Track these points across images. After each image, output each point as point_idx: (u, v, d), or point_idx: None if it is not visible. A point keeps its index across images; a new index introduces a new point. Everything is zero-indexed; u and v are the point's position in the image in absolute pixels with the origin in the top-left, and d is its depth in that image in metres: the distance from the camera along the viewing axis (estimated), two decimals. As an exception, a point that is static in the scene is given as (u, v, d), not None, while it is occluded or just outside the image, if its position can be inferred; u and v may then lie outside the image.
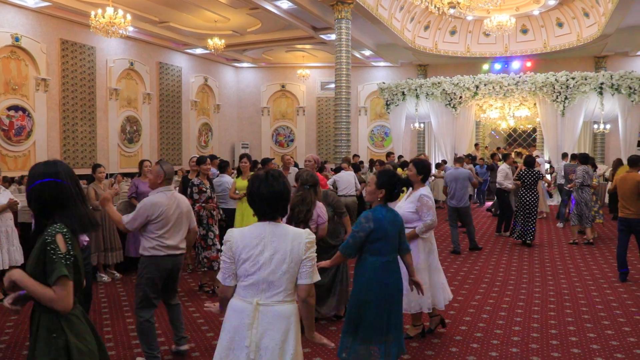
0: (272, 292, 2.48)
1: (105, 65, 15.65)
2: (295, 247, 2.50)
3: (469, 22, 18.79)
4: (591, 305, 5.99)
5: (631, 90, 15.26)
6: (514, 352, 4.61)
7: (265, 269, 2.46)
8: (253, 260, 2.46)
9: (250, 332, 2.44)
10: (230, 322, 2.52)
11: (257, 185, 2.57)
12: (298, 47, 19.30)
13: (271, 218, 2.56)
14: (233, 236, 2.52)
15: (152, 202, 4.24)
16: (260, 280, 2.46)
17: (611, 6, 14.27)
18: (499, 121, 18.51)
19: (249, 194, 2.60)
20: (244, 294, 2.49)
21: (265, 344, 2.44)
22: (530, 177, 9.49)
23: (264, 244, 2.48)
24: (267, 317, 2.46)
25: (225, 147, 21.37)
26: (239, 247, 2.49)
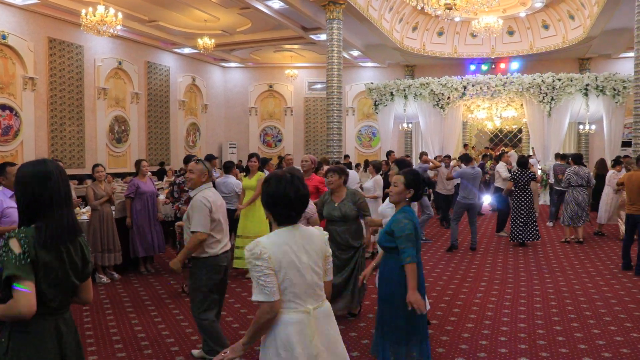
0: (318, 293, 2.43)
1: (94, 64, 15.46)
2: (322, 246, 2.47)
3: (457, 24, 18.97)
4: (591, 302, 6.10)
5: (615, 92, 15.56)
6: (523, 349, 4.68)
7: (308, 274, 2.37)
8: (295, 267, 2.34)
9: (314, 340, 2.35)
10: (287, 338, 2.33)
11: (283, 187, 2.40)
12: (286, 47, 19.28)
13: (294, 222, 2.44)
14: (267, 247, 2.31)
15: (205, 197, 4.17)
16: (307, 286, 2.38)
17: (597, 9, 14.53)
18: (486, 121, 18.70)
19: (271, 197, 2.42)
20: (295, 305, 2.36)
21: (327, 343, 2.41)
22: (524, 178, 9.61)
23: (299, 248, 2.38)
24: (322, 319, 2.42)
25: (212, 147, 21.25)
26: (277, 256, 2.32)
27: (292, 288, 2.34)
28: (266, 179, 2.49)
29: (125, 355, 4.61)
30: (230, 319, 5.59)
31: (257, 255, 2.29)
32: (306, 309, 2.37)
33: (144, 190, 7.53)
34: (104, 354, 4.65)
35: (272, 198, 2.41)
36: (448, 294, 6.45)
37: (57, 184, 2.22)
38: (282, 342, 2.33)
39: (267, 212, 2.47)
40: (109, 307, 6.01)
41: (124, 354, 4.65)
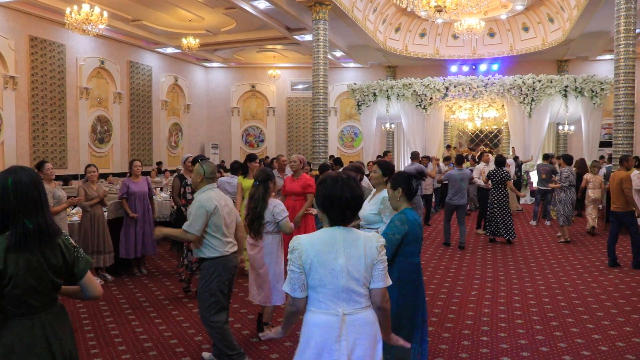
0: (355, 299, 2.36)
1: (76, 63, 15.24)
2: (368, 251, 2.40)
3: (439, 25, 19.19)
4: (582, 298, 6.27)
5: (593, 93, 15.95)
6: (523, 344, 4.80)
7: (342, 277, 2.34)
8: (327, 268, 2.33)
9: (339, 345, 2.32)
10: (314, 338, 2.35)
11: (340, 188, 2.42)
12: (269, 47, 19.27)
13: (350, 222, 2.46)
14: (301, 244, 2.36)
15: (204, 198, 4.17)
16: (340, 289, 2.34)
17: (576, 12, 14.87)
18: (467, 122, 18.98)
19: (327, 197, 2.42)
20: (326, 306, 2.34)
21: (358, 354, 2.35)
22: (499, 176, 9.83)
23: (337, 250, 2.36)
24: (355, 326, 2.35)
25: (195, 148, 21.11)
26: (309, 255, 2.34)
27: (322, 288, 2.35)
28: (322, 180, 2.50)
29: (130, 357, 4.58)
30: (231, 319, 5.60)
31: (291, 249, 2.37)
32: (337, 312, 2.34)
33: (134, 191, 7.46)
34: (107, 356, 4.62)
35: (328, 199, 2.42)
36: (443, 292, 6.55)
37: (23, 194, 2.26)
38: (305, 341, 2.38)
39: (322, 213, 2.48)
40: (106, 310, 5.96)
41: (128, 355, 4.62)
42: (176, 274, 7.30)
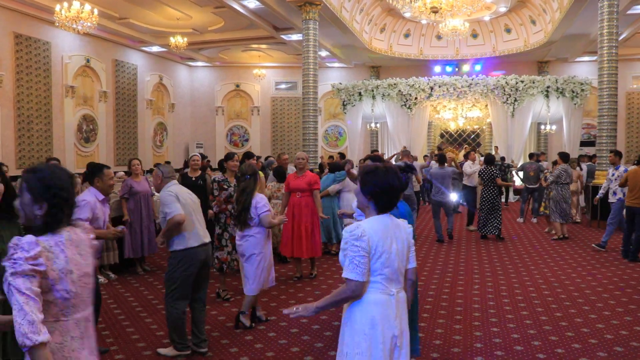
0: (399, 280, 2.62)
1: (61, 61, 15.03)
2: (407, 235, 2.68)
3: (423, 26, 19.45)
4: (580, 290, 6.49)
5: (574, 94, 16.37)
6: (532, 334, 4.98)
7: (396, 260, 2.57)
8: (387, 252, 2.53)
9: (396, 321, 2.56)
10: (376, 316, 2.54)
11: (391, 178, 2.61)
12: (254, 46, 19.28)
13: (390, 210, 2.66)
14: (367, 231, 2.51)
15: (171, 190, 4.43)
16: (394, 271, 2.57)
17: (559, 15, 15.24)
18: (450, 122, 19.27)
19: (379, 186, 2.60)
20: (383, 287, 2.55)
21: (404, 327, 2.63)
22: (488, 174, 10.10)
23: (390, 235, 2.57)
24: (401, 303, 2.62)
25: (179, 147, 21.01)
26: (374, 241, 2.51)
27: (381, 271, 2.54)
28: (371, 170, 2.65)
29: (151, 354, 4.62)
30: (215, 312, 5.69)
31: (358, 237, 2.48)
32: (390, 291, 2.57)
33: (137, 190, 7.47)
34: (128, 352, 4.65)
35: (379, 187, 2.59)
36: (446, 286, 6.72)
37: None
38: (367, 320, 2.54)
39: (367, 201, 2.63)
40: (116, 308, 5.96)
41: (149, 352, 4.66)
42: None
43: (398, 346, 2.59)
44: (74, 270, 2.06)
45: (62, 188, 2.09)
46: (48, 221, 2.06)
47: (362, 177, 2.69)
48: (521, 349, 4.63)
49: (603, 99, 12.14)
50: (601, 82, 12.13)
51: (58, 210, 2.08)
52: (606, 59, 11.90)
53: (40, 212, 2.06)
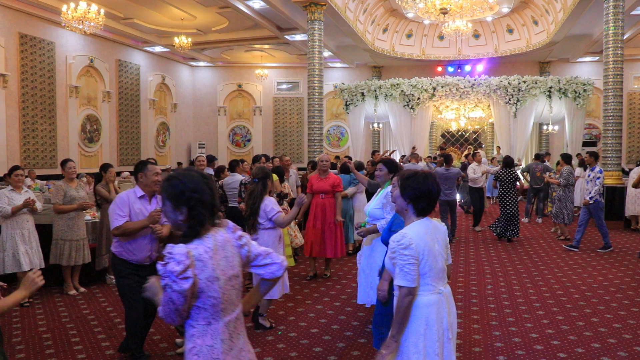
0: (444, 277, 2.77)
1: (65, 61, 15.04)
2: (444, 235, 2.82)
3: (425, 26, 19.51)
4: (593, 290, 6.53)
5: (576, 94, 16.42)
6: (551, 333, 5.01)
7: (439, 260, 2.71)
8: (432, 255, 2.65)
9: (448, 317, 2.71)
10: (428, 317, 2.64)
11: (430, 183, 2.73)
12: (256, 47, 19.30)
13: (429, 214, 2.78)
14: (413, 239, 2.61)
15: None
16: (439, 270, 2.70)
17: (562, 15, 15.31)
18: (452, 122, 19.31)
19: (418, 191, 2.70)
20: (432, 287, 2.67)
21: (453, 319, 2.78)
22: (508, 177, 10.09)
23: (432, 238, 2.70)
24: (448, 298, 2.76)
25: (182, 147, 21.02)
26: (420, 247, 2.62)
27: (430, 273, 2.67)
28: (410, 175, 2.77)
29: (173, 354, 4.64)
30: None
31: (405, 246, 2.59)
32: (439, 290, 2.71)
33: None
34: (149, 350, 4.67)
35: (419, 192, 2.71)
36: (459, 286, 6.75)
37: None
38: (423, 321, 2.65)
39: (407, 204, 2.75)
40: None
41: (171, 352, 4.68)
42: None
43: (449, 338, 2.72)
44: (220, 277, 2.12)
45: (195, 190, 2.13)
46: (191, 224, 2.11)
47: (402, 182, 2.80)
48: (541, 348, 4.66)
49: (608, 99, 12.18)
50: (606, 83, 12.17)
51: (197, 213, 2.11)
52: (611, 60, 11.94)
53: (181, 217, 2.12)
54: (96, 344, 4.91)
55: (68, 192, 6.51)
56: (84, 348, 4.80)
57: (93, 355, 4.65)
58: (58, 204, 6.45)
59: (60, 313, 5.83)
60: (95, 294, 6.54)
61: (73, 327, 5.36)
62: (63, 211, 6.45)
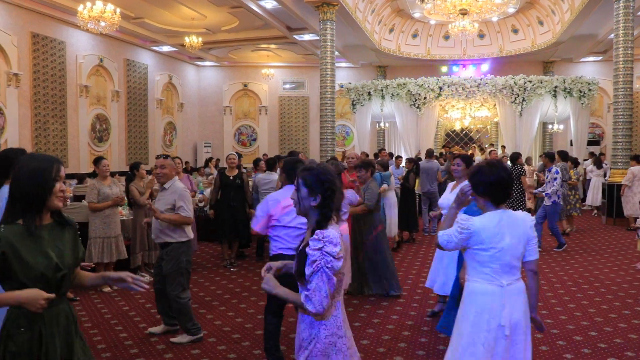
0: (513, 272, 2.78)
1: (75, 60, 15.03)
2: (525, 230, 2.81)
3: (431, 26, 19.63)
4: (596, 289, 6.66)
5: (581, 94, 16.59)
6: (555, 333, 5.13)
7: (507, 254, 2.72)
8: (496, 248, 2.69)
9: (503, 311, 2.70)
10: (481, 305, 2.73)
11: (497, 171, 2.78)
12: (263, 46, 19.34)
13: (505, 202, 2.82)
14: (475, 225, 2.71)
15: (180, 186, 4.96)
16: (505, 264, 2.73)
17: (569, 16, 15.47)
18: (456, 122, 19.44)
19: (487, 183, 2.76)
20: (492, 278, 2.73)
21: (516, 318, 2.74)
22: (515, 172, 10.26)
23: (504, 231, 2.72)
24: (512, 295, 2.75)
25: (188, 147, 21.03)
26: (482, 236, 2.69)
27: (491, 263, 2.73)
28: (475, 171, 2.85)
29: (226, 348, 4.72)
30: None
31: (463, 227, 2.73)
32: (500, 283, 2.74)
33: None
34: (204, 347, 4.76)
35: (490, 183, 2.78)
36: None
37: None
38: (474, 308, 2.75)
39: (484, 200, 2.80)
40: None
41: (224, 346, 4.76)
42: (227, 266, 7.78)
43: (506, 336, 2.69)
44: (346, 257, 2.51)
45: (331, 182, 2.41)
46: (324, 212, 2.39)
47: (471, 179, 2.87)
48: (546, 349, 4.66)
49: (618, 99, 12.35)
50: (616, 83, 12.34)
51: (330, 201, 2.40)
52: (622, 60, 12.11)
53: (314, 203, 2.38)
54: (145, 338, 4.99)
55: (102, 190, 6.59)
56: (134, 343, 4.88)
57: (144, 349, 4.73)
58: (92, 202, 6.53)
59: (100, 310, 5.90)
60: (129, 291, 6.60)
61: (118, 324, 5.44)
62: (98, 209, 6.52)
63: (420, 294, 6.41)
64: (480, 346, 2.68)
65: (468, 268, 2.86)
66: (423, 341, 4.86)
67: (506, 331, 2.69)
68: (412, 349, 4.66)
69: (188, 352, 4.61)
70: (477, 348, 2.69)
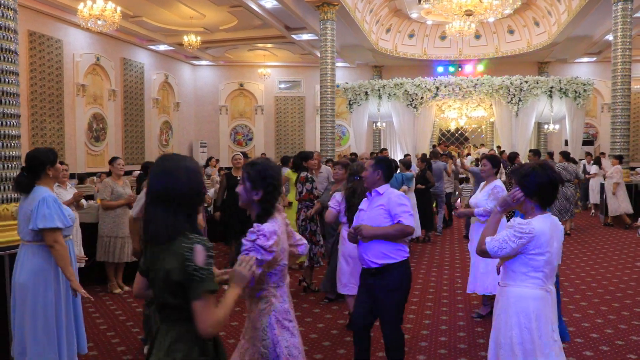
0: (553, 277, 2.82)
1: (72, 59, 14.89)
2: (561, 232, 2.87)
3: (428, 26, 19.70)
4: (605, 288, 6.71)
5: (577, 94, 16.74)
6: (572, 331, 5.18)
7: (555, 258, 2.77)
8: (549, 252, 2.71)
9: (552, 315, 2.77)
10: (534, 310, 2.71)
11: (549, 173, 2.76)
12: (259, 45, 19.29)
13: (551, 204, 2.84)
14: (535, 229, 2.68)
15: None
16: (552, 268, 2.78)
17: (566, 17, 15.60)
18: (451, 122, 19.52)
19: (542, 184, 2.74)
20: (542, 283, 2.74)
21: (555, 319, 2.82)
22: None
23: (552, 235, 2.74)
24: (554, 297, 2.85)
25: (183, 146, 20.92)
26: (541, 240, 2.68)
27: (543, 268, 2.73)
28: (527, 172, 2.81)
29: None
30: (319, 311, 5.77)
31: (524, 231, 2.69)
32: (548, 287, 2.76)
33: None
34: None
35: (543, 184, 2.75)
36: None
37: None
38: (528, 313, 2.72)
39: (532, 202, 2.79)
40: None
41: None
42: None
43: (555, 340, 2.74)
44: (285, 248, 2.63)
45: (274, 177, 2.58)
46: (265, 206, 2.54)
47: (522, 180, 2.80)
48: (565, 346, 4.68)
49: (617, 99, 12.49)
50: (614, 84, 12.48)
51: (272, 196, 2.56)
52: (620, 61, 12.25)
53: (257, 197, 2.54)
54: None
55: (115, 189, 6.56)
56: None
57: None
58: (105, 199, 6.50)
59: (114, 312, 5.86)
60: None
61: (134, 325, 5.40)
62: (111, 207, 6.49)
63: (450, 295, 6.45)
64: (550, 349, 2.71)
65: (514, 273, 2.79)
66: (443, 340, 4.88)
67: (555, 335, 2.74)
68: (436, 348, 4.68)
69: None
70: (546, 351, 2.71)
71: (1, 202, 4.16)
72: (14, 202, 4.23)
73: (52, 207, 3.45)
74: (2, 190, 4.18)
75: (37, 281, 3.44)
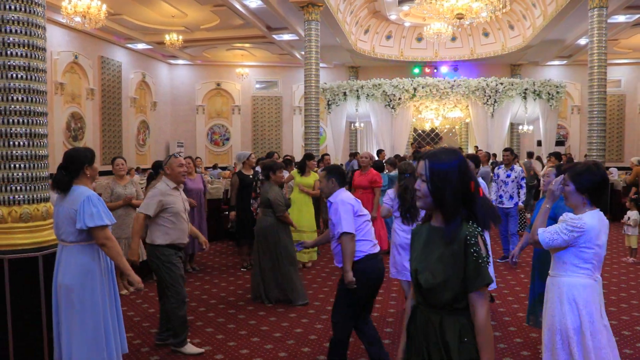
0: (601, 267, 3.06)
1: (50, 57, 14.54)
2: (608, 229, 3.07)
3: (405, 28, 19.99)
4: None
5: (550, 96, 17.29)
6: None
7: (603, 251, 3.00)
8: (599, 246, 2.94)
9: (600, 303, 3.00)
10: (586, 297, 2.94)
11: (603, 172, 3.01)
12: (237, 45, 19.22)
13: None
14: (587, 224, 2.90)
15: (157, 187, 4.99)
16: (600, 260, 3.00)
17: (541, 21, 16.09)
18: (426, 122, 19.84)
19: (598, 182, 2.95)
20: (591, 273, 2.98)
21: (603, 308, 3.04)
22: None
23: (601, 229, 2.97)
24: (600, 287, 3.06)
25: (160, 146, 20.67)
26: (591, 235, 2.91)
27: (592, 260, 2.96)
28: (583, 170, 3.01)
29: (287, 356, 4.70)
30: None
31: (577, 225, 2.90)
32: (596, 277, 3.01)
33: (191, 188, 7.50)
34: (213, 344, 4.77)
35: (597, 183, 2.97)
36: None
37: None
38: (580, 301, 2.94)
39: (583, 199, 2.97)
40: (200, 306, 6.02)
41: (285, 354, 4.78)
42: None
43: (605, 325, 2.96)
44: None
45: None
46: None
47: (577, 177, 2.99)
48: None
49: (593, 102, 12.96)
50: (591, 87, 12.95)
51: None
52: (596, 64, 12.72)
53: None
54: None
55: (115, 190, 6.49)
56: (177, 345, 4.84)
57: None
58: (105, 201, 6.40)
59: (126, 313, 5.80)
60: (147, 293, 6.50)
61: (150, 326, 5.38)
62: (110, 209, 6.38)
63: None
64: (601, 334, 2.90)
65: (565, 265, 3.00)
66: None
67: (605, 322, 2.96)
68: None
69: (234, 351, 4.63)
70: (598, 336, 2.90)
71: (32, 202, 4.08)
72: (43, 202, 4.18)
73: (99, 206, 3.47)
74: (33, 190, 4.12)
75: (84, 281, 3.42)
